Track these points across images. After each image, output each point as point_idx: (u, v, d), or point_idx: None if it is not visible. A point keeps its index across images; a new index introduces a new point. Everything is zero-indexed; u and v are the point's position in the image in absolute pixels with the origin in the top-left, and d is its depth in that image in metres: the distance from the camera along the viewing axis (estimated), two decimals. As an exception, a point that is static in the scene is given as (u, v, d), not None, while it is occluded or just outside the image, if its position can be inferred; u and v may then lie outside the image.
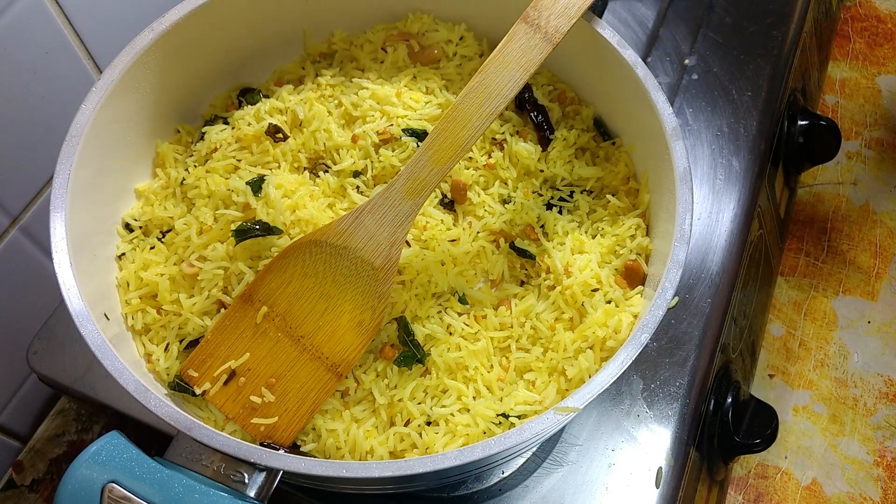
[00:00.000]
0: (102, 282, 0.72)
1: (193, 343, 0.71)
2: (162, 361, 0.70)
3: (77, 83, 0.91)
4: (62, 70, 0.88)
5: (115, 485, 0.54)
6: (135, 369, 0.61)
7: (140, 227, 0.77)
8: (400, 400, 0.68)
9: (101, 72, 0.75)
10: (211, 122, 0.83)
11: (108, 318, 0.68)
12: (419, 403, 0.69)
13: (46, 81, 0.87)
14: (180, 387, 0.68)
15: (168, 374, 0.70)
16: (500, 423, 0.67)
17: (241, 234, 0.71)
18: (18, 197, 0.89)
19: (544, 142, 0.81)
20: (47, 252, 0.64)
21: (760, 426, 0.90)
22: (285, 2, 0.83)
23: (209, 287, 0.71)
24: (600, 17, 0.76)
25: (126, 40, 0.72)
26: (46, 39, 0.85)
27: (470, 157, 0.80)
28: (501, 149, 0.81)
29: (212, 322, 0.71)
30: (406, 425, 0.68)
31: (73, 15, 0.87)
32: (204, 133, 0.81)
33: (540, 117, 0.82)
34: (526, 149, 0.79)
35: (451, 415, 0.68)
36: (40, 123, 0.88)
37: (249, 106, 0.83)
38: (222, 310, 0.71)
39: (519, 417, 0.67)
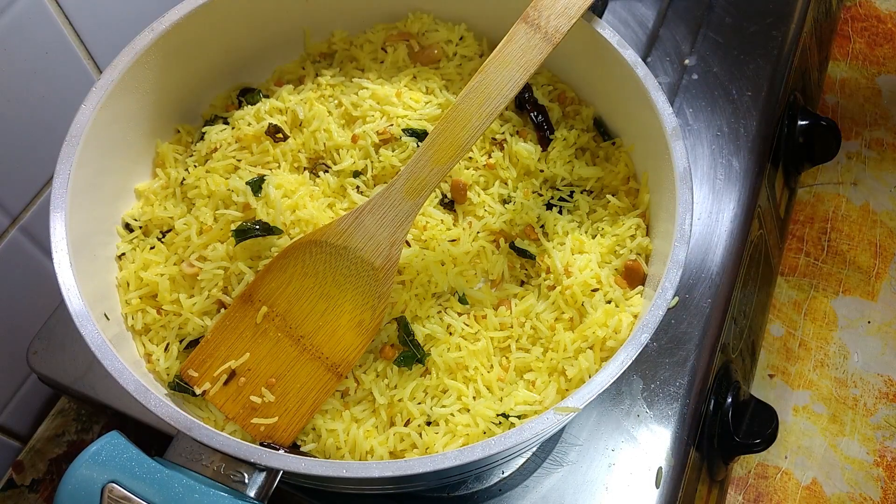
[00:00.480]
0: (102, 282, 0.72)
1: (193, 343, 0.71)
2: (162, 361, 0.70)
3: (77, 83, 0.91)
4: (62, 70, 0.88)
5: (115, 485, 0.54)
6: (135, 369, 0.61)
7: (140, 227, 0.77)
8: (400, 400, 0.68)
9: (101, 72, 0.75)
10: (211, 122, 0.83)
11: (108, 318, 0.68)
12: (419, 403, 0.69)
13: (46, 81, 0.87)
14: (180, 387, 0.68)
15: (168, 374, 0.70)
16: (500, 423, 0.67)
17: (241, 234, 0.71)
18: (18, 197, 0.89)
19: (544, 142, 0.81)
20: (47, 252, 0.64)
21: (760, 426, 0.90)
22: (285, 2, 0.83)
23: (209, 287, 0.71)
24: (600, 17, 0.76)
25: (126, 40, 0.72)
26: (46, 39, 0.85)
27: (470, 157, 0.80)
28: (501, 149, 0.81)
29: (212, 322, 0.71)
30: (406, 425, 0.68)
31: (73, 15, 0.87)
32: (204, 133, 0.81)
33: (540, 117, 0.82)
34: (526, 149, 0.79)
35: (451, 415, 0.68)
36: (40, 123, 0.88)
37: (249, 106, 0.83)
38: (222, 310, 0.71)
39: (519, 417, 0.67)
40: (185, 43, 0.77)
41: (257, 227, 0.72)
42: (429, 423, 0.68)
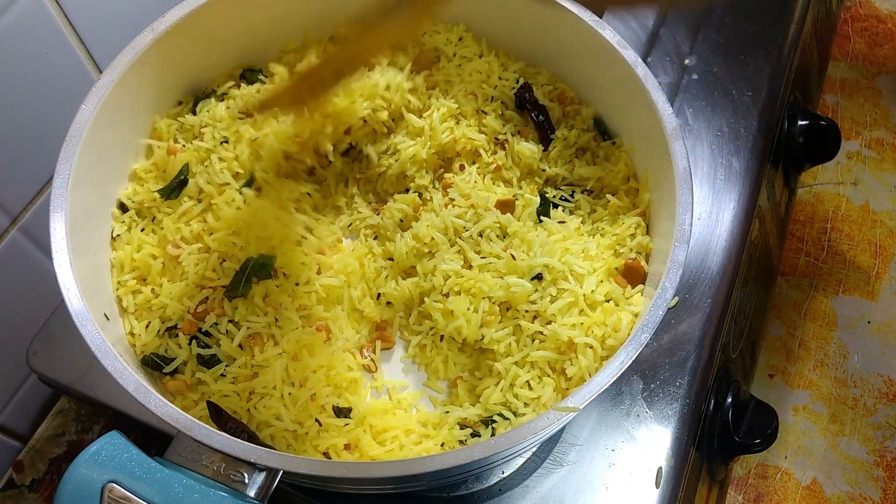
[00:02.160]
0: (102, 281, 0.72)
1: (172, 328, 0.71)
2: (143, 336, 0.70)
3: (77, 83, 0.90)
4: (62, 70, 0.88)
5: (115, 485, 0.54)
6: (114, 344, 0.61)
7: (134, 206, 0.77)
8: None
9: (101, 72, 0.75)
10: (207, 96, 0.83)
11: (108, 319, 0.68)
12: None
13: (46, 81, 0.87)
14: (153, 363, 0.68)
15: (144, 350, 0.70)
16: (500, 422, 0.67)
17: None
18: (18, 197, 0.89)
19: (545, 141, 0.81)
20: (47, 252, 0.64)
21: (760, 426, 0.90)
22: (285, 3, 0.83)
23: (190, 272, 0.72)
24: (600, 17, 0.76)
25: (126, 40, 0.72)
26: (46, 39, 0.85)
27: (476, 160, 0.81)
28: (504, 148, 0.81)
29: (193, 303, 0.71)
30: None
31: (73, 15, 0.87)
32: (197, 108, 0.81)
33: (541, 117, 0.82)
34: (528, 148, 0.79)
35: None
36: (40, 123, 0.87)
37: (248, 84, 0.82)
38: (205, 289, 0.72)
39: (520, 417, 0.67)
40: (185, 43, 0.77)
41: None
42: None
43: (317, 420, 0.67)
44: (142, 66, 0.73)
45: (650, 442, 0.82)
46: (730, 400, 0.91)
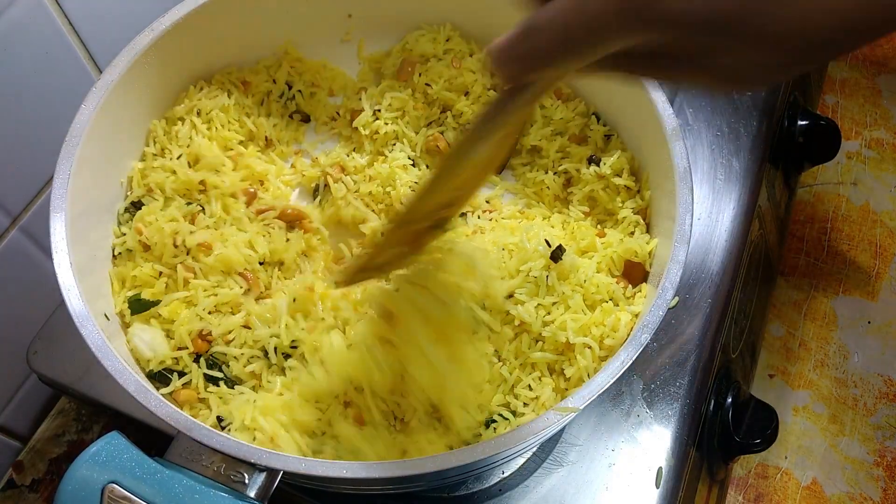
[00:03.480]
0: (102, 281, 0.72)
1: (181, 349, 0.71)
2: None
3: (77, 83, 0.90)
4: (62, 70, 0.88)
5: (115, 485, 0.54)
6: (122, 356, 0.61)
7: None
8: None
9: (101, 72, 0.75)
10: None
11: (108, 319, 0.68)
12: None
13: (46, 81, 0.87)
14: (161, 377, 0.68)
15: (150, 364, 0.69)
16: (498, 422, 0.67)
17: None
18: (18, 197, 0.89)
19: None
20: (47, 252, 0.64)
21: (760, 426, 0.90)
22: (285, 3, 0.83)
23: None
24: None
25: (126, 40, 0.72)
26: (46, 39, 0.85)
27: None
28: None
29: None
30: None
31: (73, 15, 0.87)
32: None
33: None
34: None
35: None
36: (40, 123, 0.87)
37: None
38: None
39: (519, 417, 0.67)
40: (186, 43, 0.77)
41: None
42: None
43: None
44: (142, 66, 0.73)
45: (650, 442, 0.82)
46: (730, 400, 0.91)
